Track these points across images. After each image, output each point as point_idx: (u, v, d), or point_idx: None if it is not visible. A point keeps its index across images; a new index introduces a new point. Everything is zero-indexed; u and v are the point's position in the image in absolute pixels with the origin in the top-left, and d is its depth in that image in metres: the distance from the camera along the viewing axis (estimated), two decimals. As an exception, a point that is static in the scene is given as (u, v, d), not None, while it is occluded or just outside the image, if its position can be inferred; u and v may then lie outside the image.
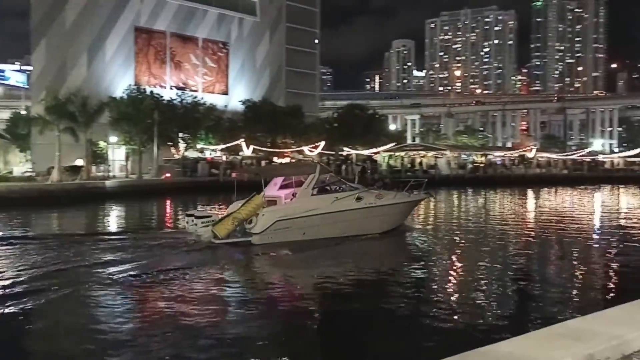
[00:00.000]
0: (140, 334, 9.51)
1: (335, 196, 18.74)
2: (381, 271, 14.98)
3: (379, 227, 19.47)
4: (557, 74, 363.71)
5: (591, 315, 5.15)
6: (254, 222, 17.38)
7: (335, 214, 18.24)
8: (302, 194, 18.38)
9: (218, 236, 17.04)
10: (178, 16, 76.13)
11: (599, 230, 24.96)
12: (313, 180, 18.54)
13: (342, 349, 9.11)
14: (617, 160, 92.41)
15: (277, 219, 17.21)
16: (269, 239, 17.01)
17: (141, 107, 51.11)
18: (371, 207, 19.22)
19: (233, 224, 17.22)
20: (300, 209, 17.77)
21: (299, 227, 17.54)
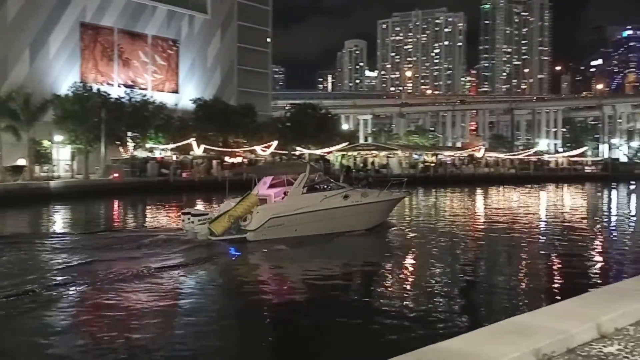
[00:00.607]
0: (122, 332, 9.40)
1: (324, 194, 19.55)
2: (357, 268, 15.42)
3: (364, 224, 20.36)
4: (505, 75, 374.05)
5: (537, 310, 5.23)
6: (249, 219, 18.03)
7: (324, 211, 19.07)
8: (293, 192, 19.17)
9: (215, 233, 17.64)
10: (126, 12, 74.36)
11: (544, 227, 25.61)
12: (304, 179, 19.34)
13: (298, 348, 8.96)
14: (561, 159, 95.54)
15: (270, 216, 17.99)
16: (263, 236, 17.70)
17: (87, 105, 49.66)
18: (357, 204, 20.09)
19: (229, 222, 17.84)
20: (292, 206, 18.59)
21: (291, 224, 18.29)
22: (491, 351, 3.96)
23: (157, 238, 18.02)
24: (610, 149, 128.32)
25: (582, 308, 5.13)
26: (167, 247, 16.58)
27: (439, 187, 56.73)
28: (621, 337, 4.66)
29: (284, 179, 20.37)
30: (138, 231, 21.58)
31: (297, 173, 19.85)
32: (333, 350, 8.77)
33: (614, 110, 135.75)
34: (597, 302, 5.32)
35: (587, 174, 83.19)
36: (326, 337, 9.43)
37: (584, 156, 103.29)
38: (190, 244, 17.12)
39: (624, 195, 53.72)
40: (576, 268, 15.14)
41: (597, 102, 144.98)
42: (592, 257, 17.30)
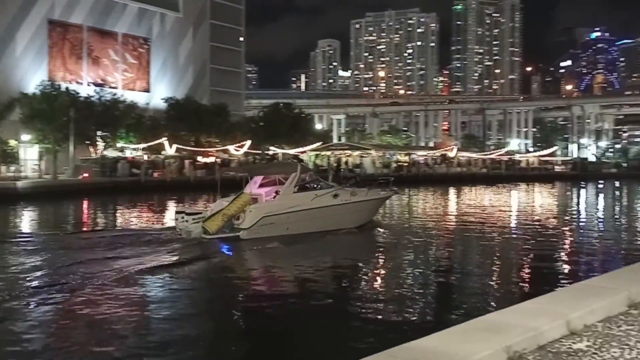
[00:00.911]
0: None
1: (314, 193, 20.01)
2: (340, 267, 15.55)
3: (353, 222, 20.92)
4: (477, 75, 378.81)
5: (509, 308, 5.25)
6: (242, 218, 18.41)
7: (315, 210, 19.58)
8: (285, 191, 19.57)
9: (209, 232, 18.04)
10: (95, 10, 73.22)
11: (516, 227, 25.97)
12: (295, 178, 19.79)
13: (270, 348, 8.86)
14: (532, 159, 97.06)
15: (263, 215, 18.39)
16: (255, 234, 18.07)
17: (56, 104, 48.76)
18: (347, 203, 20.64)
19: (223, 220, 18.28)
20: (284, 205, 18.98)
21: (283, 222, 18.66)
22: (463, 349, 3.99)
23: (150, 237, 18.49)
24: (579, 148, 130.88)
25: (552, 305, 5.18)
26: (162, 246, 16.90)
27: (412, 186, 57.06)
28: (590, 334, 4.73)
29: (275, 179, 20.74)
30: (127, 231, 21.78)
31: (289, 173, 20.30)
32: (303, 351, 8.68)
33: (582, 111, 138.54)
34: (567, 300, 5.38)
35: (557, 174, 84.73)
36: (299, 337, 9.38)
37: (554, 156, 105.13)
38: (184, 242, 17.36)
39: (593, 194, 54.80)
40: (546, 266, 15.35)
41: (567, 102, 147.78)
42: (562, 255, 17.58)
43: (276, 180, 20.72)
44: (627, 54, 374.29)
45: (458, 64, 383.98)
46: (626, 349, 4.42)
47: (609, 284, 5.94)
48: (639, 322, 5.06)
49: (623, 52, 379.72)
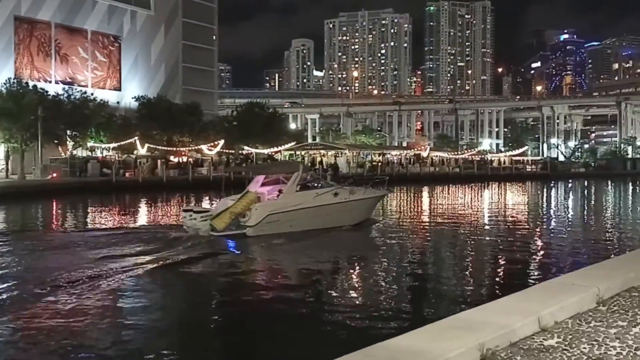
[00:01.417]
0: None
1: (316, 192, 20.72)
2: (330, 265, 15.94)
3: (352, 220, 21.65)
4: (449, 76, 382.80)
5: (482, 306, 5.29)
6: (248, 216, 19.01)
7: (316, 208, 20.25)
8: (288, 190, 20.24)
9: (216, 229, 18.59)
10: (64, 6, 71.95)
11: (488, 225, 26.23)
12: (297, 178, 20.46)
13: (242, 347, 8.77)
14: (503, 158, 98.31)
15: (268, 212, 19.06)
16: (261, 231, 18.74)
17: (22, 103, 47.69)
18: (346, 201, 21.35)
19: (230, 218, 18.86)
20: (287, 203, 19.66)
21: (287, 220, 19.33)
22: (438, 347, 4.03)
23: (159, 234, 19.14)
24: (549, 148, 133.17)
25: (524, 303, 5.23)
26: (172, 243, 17.43)
27: (387, 186, 57.28)
28: (560, 330, 4.79)
29: (276, 178, 21.38)
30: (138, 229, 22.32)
31: (291, 172, 21.04)
32: (279, 352, 8.63)
33: (552, 112, 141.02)
34: (538, 297, 5.43)
35: (528, 173, 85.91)
36: (276, 337, 9.33)
37: (525, 155, 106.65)
38: (193, 239, 17.92)
39: (562, 193, 55.79)
40: (518, 264, 15.55)
41: (537, 103, 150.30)
42: (533, 252, 17.81)
43: (278, 180, 21.30)
44: (595, 56, 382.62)
45: (431, 64, 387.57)
46: (595, 344, 4.48)
47: (579, 281, 6.01)
48: (607, 319, 5.13)
49: (591, 55, 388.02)
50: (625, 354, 4.32)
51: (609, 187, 62.20)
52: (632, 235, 21.81)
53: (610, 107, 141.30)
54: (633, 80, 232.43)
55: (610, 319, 5.12)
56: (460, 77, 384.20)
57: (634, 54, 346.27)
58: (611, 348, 4.42)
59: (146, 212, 33.06)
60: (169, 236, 18.56)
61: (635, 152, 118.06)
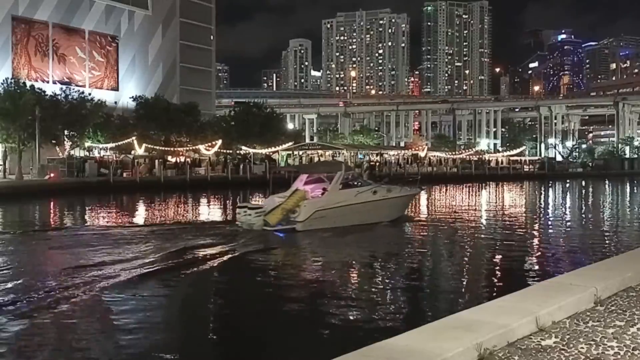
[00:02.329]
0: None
1: (357, 190, 22.04)
2: (362, 260, 16.36)
3: (389, 216, 22.89)
4: (447, 76, 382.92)
5: (480, 306, 5.32)
6: (297, 212, 20.39)
7: (358, 205, 21.50)
8: (332, 188, 21.59)
9: (269, 224, 20.00)
10: (61, 6, 71.81)
11: (486, 225, 26.19)
12: (340, 177, 21.82)
13: (238, 345, 8.78)
14: (501, 158, 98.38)
15: (316, 209, 20.49)
16: (309, 226, 20.09)
17: (20, 103, 47.52)
18: (384, 199, 22.79)
19: (282, 214, 20.23)
20: (332, 201, 21.06)
21: (332, 216, 20.64)
22: (435, 347, 4.04)
23: (216, 229, 20.80)
24: (547, 148, 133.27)
25: (522, 303, 5.24)
26: (231, 236, 18.96)
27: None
28: (558, 330, 4.80)
29: (318, 177, 22.88)
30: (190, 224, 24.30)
31: (334, 171, 22.42)
32: (275, 354, 8.62)
33: (549, 111, 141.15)
34: (536, 297, 5.44)
35: (526, 173, 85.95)
36: (272, 337, 9.30)
37: (523, 155, 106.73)
38: (249, 233, 19.36)
39: (560, 193, 55.84)
40: (516, 264, 15.55)
41: (534, 103, 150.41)
42: (530, 252, 17.83)
43: (319, 178, 22.69)
44: (592, 56, 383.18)
45: (428, 64, 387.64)
46: (593, 344, 4.49)
47: (577, 281, 6.02)
48: (605, 319, 5.14)
49: (588, 55, 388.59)
50: (622, 353, 4.33)
51: (606, 187, 62.26)
52: (630, 235, 21.84)
53: (607, 107, 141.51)
54: (630, 80, 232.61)
55: (607, 319, 5.13)
56: (457, 77, 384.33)
57: (632, 54, 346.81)
58: (609, 348, 4.43)
59: (189, 209, 35.05)
60: (227, 230, 20.26)
61: (633, 152, 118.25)
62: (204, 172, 56.79)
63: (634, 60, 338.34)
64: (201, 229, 20.99)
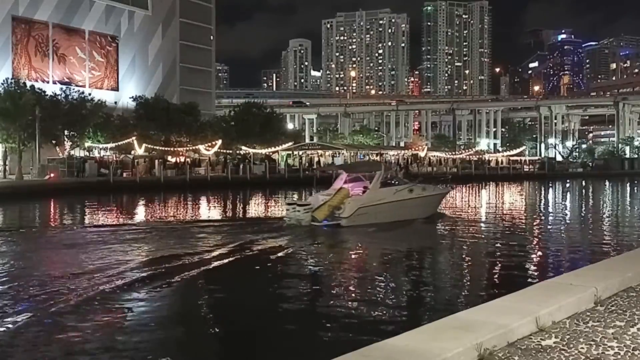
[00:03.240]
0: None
1: (395, 189, 23.43)
2: (409, 253, 17.74)
3: (424, 213, 24.33)
4: (447, 76, 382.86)
5: (479, 306, 5.32)
6: (342, 209, 21.65)
7: (396, 202, 22.81)
8: (373, 187, 22.87)
9: (317, 220, 21.44)
10: (61, 6, 71.79)
11: (486, 225, 26.18)
12: (380, 176, 23.15)
13: (236, 347, 8.79)
14: (501, 158, 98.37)
15: (359, 206, 21.80)
16: (353, 222, 21.32)
17: (20, 103, 47.55)
18: (420, 197, 24.18)
19: (328, 210, 21.60)
20: (373, 198, 22.33)
21: (373, 212, 21.94)
22: (435, 347, 4.05)
23: (269, 225, 22.43)
24: (547, 148, 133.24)
25: (522, 303, 5.25)
26: (284, 231, 20.54)
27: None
28: (558, 330, 4.81)
29: (357, 176, 24.17)
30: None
31: (375, 171, 24.00)
32: (275, 354, 8.62)
33: (549, 111, 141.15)
34: (536, 297, 5.45)
35: (526, 173, 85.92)
36: (265, 339, 9.29)
37: (523, 155, 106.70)
38: (299, 228, 21.00)
39: (560, 193, 55.83)
40: (516, 264, 15.52)
41: (534, 103, 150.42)
42: (530, 252, 17.82)
43: (358, 177, 24.01)
44: (592, 56, 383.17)
45: (428, 64, 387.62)
46: (593, 344, 4.49)
47: (577, 281, 6.03)
48: (605, 319, 5.14)
49: (588, 54, 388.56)
50: (623, 354, 4.32)
51: (606, 187, 62.25)
52: (630, 235, 21.83)
53: (607, 107, 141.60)
54: (630, 80, 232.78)
55: (608, 319, 5.13)
56: (457, 77, 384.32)
57: (632, 54, 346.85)
58: (609, 348, 4.43)
59: (232, 207, 37.40)
60: (279, 225, 21.74)
61: (633, 152, 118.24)
62: (204, 172, 56.79)
63: (634, 60, 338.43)
64: (256, 225, 22.79)
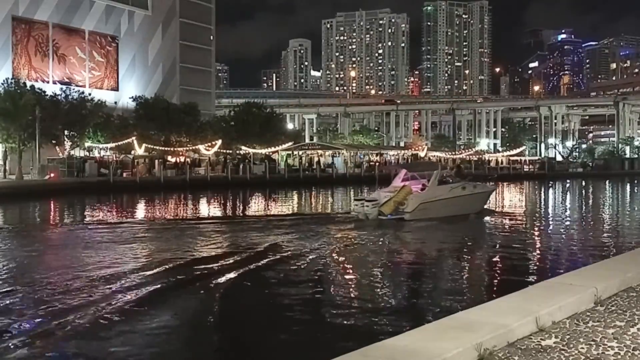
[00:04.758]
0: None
1: (450, 186, 25.59)
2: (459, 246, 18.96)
3: (475, 209, 26.41)
4: (447, 76, 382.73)
5: (480, 306, 5.32)
6: (406, 204, 23.77)
7: (451, 199, 24.90)
8: (431, 184, 24.93)
9: (384, 214, 23.47)
10: (61, 6, 71.75)
11: (487, 224, 26.15)
12: (437, 175, 25.39)
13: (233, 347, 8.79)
14: (500, 158, 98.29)
15: (420, 202, 23.88)
16: (415, 216, 23.38)
17: (20, 103, 47.54)
18: (472, 194, 26.30)
19: (394, 205, 23.65)
20: (432, 195, 24.42)
21: (432, 207, 23.93)
22: (435, 347, 4.06)
23: (340, 218, 24.79)
24: (547, 148, 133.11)
25: (522, 303, 5.25)
26: (356, 224, 22.62)
27: (385, 185, 57.29)
28: (558, 330, 4.82)
29: (413, 175, 26.06)
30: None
31: (432, 170, 26.33)
32: (274, 352, 8.61)
33: (550, 111, 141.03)
34: (536, 297, 5.45)
35: (526, 173, 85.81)
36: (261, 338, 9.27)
37: (522, 155, 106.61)
38: (368, 222, 22.94)
39: (560, 193, 55.81)
40: (516, 264, 15.52)
41: (534, 103, 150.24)
42: (530, 252, 17.80)
43: (414, 176, 25.90)
44: (593, 56, 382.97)
45: (428, 64, 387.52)
46: (593, 345, 4.49)
47: (577, 281, 6.03)
48: (605, 319, 5.14)
49: (588, 54, 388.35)
50: (623, 354, 4.32)
51: (606, 187, 62.22)
52: (630, 235, 21.83)
53: (608, 107, 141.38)
54: (631, 80, 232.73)
55: (608, 319, 5.13)
56: (457, 77, 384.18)
57: (632, 54, 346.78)
58: (609, 348, 4.43)
59: (289, 203, 39.77)
60: (348, 219, 23.86)
61: (633, 152, 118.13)
62: (204, 172, 56.78)
63: (634, 60, 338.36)
64: (325, 219, 25.04)
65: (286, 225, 22.56)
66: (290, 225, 22.49)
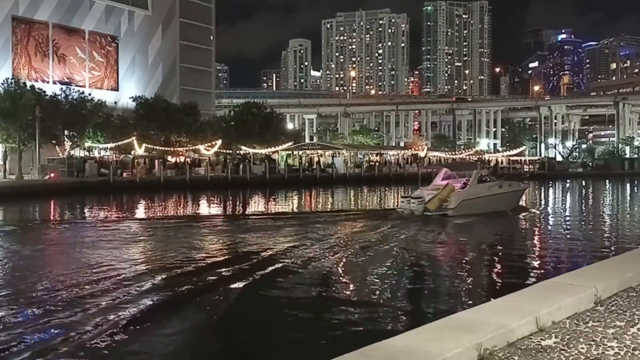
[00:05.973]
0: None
1: (488, 185, 27.45)
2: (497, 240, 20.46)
3: (511, 206, 28.34)
4: (447, 76, 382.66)
5: (480, 306, 5.34)
6: (449, 201, 25.34)
7: (490, 196, 26.60)
8: (471, 183, 26.66)
9: (429, 210, 24.99)
10: (61, 6, 71.77)
11: (487, 224, 26.12)
12: (477, 174, 27.31)
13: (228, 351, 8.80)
14: (500, 158, 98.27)
15: (462, 199, 25.59)
16: (458, 212, 24.97)
17: (20, 103, 47.53)
18: (508, 192, 28.15)
19: (439, 202, 25.16)
20: (473, 193, 26.23)
21: (472, 204, 25.69)
22: (435, 347, 4.05)
23: (387, 215, 26.00)
24: (547, 148, 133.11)
25: (522, 303, 5.25)
26: (404, 219, 24.10)
27: (384, 185, 57.40)
28: (557, 330, 4.81)
29: (450, 174, 27.51)
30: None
31: (472, 169, 28.43)
32: (275, 352, 8.61)
33: (549, 111, 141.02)
34: (536, 297, 5.45)
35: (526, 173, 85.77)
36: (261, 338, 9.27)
37: (522, 155, 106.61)
38: (415, 217, 24.47)
39: (560, 192, 55.81)
40: (516, 264, 15.51)
41: (534, 103, 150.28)
42: (530, 252, 17.81)
43: (453, 175, 27.40)
44: (593, 56, 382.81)
45: (428, 64, 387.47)
46: (593, 345, 4.49)
47: (577, 281, 6.03)
48: (605, 319, 5.14)
49: (588, 54, 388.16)
50: (623, 354, 4.32)
51: (606, 187, 62.20)
52: (630, 235, 21.83)
53: (608, 107, 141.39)
54: (631, 80, 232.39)
55: (608, 319, 5.13)
56: (457, 77, 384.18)
57: (632, 54, 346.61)
58: (609, 348, 4.43)
59: (322, 202, 42.21)
60: (397, 215, 25.08)
61: (633, 152, 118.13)
62: (204, 172, 56.77)
63: (634, 59, 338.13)
64: (376, 216, 26.43)
65: (344, 219, 25.31)
66: (350, 219, 25.20)
